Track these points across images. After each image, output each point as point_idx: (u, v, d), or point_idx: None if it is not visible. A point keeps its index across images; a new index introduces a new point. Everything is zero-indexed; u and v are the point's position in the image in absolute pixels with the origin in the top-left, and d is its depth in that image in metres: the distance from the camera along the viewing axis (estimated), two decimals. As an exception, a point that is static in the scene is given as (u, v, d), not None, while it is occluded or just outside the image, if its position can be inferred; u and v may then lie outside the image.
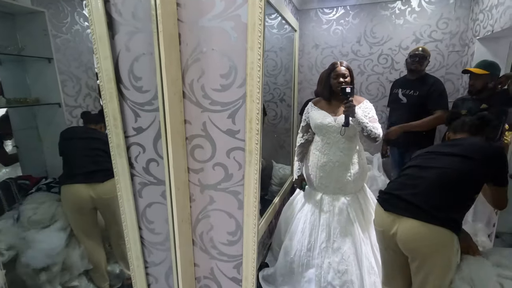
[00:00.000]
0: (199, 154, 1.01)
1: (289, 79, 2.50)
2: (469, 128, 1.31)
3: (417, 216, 1.16)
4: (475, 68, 1.81)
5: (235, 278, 1.11)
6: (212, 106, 0.96)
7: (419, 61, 2.10)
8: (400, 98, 2.21)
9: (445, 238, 1.13)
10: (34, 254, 1.46)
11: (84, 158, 1.58)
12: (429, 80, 2.13)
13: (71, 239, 1.64)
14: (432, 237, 1.14)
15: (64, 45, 1.64)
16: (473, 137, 1.29)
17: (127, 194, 1.08)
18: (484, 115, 1.32)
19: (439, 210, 1.14)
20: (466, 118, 1.33)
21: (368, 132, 1.58)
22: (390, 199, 1.28)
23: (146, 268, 1.18)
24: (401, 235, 1.20)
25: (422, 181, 1.22)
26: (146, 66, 0.96)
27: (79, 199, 1.56)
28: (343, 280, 1.61)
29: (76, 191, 1.55)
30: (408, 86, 2.19)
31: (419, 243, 1.17)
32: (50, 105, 1.63)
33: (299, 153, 1.90)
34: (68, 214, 1.61)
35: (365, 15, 2.57)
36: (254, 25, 0.83)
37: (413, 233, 1.17)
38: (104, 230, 1.72)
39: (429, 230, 1.14)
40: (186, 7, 0.90)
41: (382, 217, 1.29)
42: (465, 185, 1.17)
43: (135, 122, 1.02)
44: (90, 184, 1.55)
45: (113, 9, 0.94)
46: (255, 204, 0.97)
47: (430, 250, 1.15)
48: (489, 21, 1.99)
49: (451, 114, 1.43)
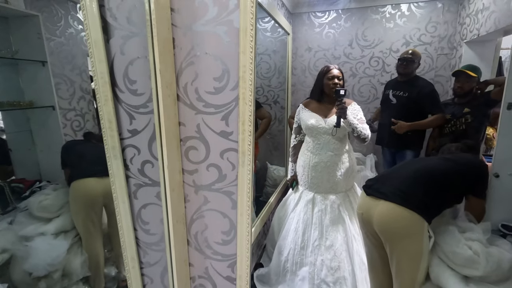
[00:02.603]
0: (193, 156, 1.03)
1: (282, 82, 2.53)
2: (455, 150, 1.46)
3: (392, 199, 1.24)
4: (469, 71, 1.87)
5: (229, 277, 1.13)
6: (206, 108, 0.98)
7: (407, 65, 2.15)
8: (390, 98, 2.27)
9: (416, 223, 1.19)
10: (36, 262, 1.45)
11: (92, 158, 1.58)
12: (418, 82, 2.18)
13: (73, 246, 1.63)
14: (403, 219, 1.20)
15: (58, 48, 1.64)
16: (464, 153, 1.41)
17: (122, 195, 1.09)
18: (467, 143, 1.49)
19: (414, 196, 1.21)
20: (452, 147, 1.48)
21: (358, 133, 1.62)
22: (373, 185, 1.36)
23: (141, 269, 1.19)
24: (377, 216, 1.27)
25: (405, 171, 1.33)
26: (140, 70, 0.98)
27: (90, 192, 1.56)
28: (336, 276, 1.64)
29: (87, 185, 1.56)
30: (398, 87, 2.24)
31: (392, 224, 1.23)
32: (44, 108, 1.63)
33: (293, 154, 1.95)
34: (77, 211, 1.60)
35: (356, 19, 2.63)
36: (246, 30, 0.86)
37: (387, 214, 1.24)
38: (106, 232, 1.72)
39: (401, 212, 1.20)
40: (180, 12, 0.92)
41: (364, 201, 1.37)
42: (444, 183, 1.24)
43: (130, 124, 1.04)
44: (101, 178, 1.55)
45: (108, 14, 0.96)
46: (248, 203, 0.99)
47: (401, 232, 1.21)
48: (475, 25, 2.05)
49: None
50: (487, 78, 2.09)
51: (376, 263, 1.42)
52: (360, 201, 1.43)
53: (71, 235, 1.63)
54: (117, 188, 1.08)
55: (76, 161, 1.61)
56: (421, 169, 1.30)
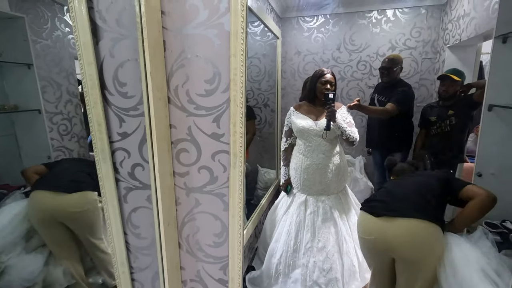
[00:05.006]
0: (185, 158, 1.03)
1: (272, 85, 2.56)
2: (408, 171, 1.53)
3: (409, 214, 1.20)
4: (454, 75, 1.93)
5: (221, 279, 1.12)
6: (197, 111, 0.98)
7: (387, 73, 2.20)
8: (375, 103, 2.33)
9: (437, 234, 1.19)
10: (11, 279, 1.37)
11: (61, 172, 1.51)
12: (399, 85, 2.21)
13: (51, 256, 1.53)
14: (428, 233, 1.18)
15: (44, 51, 1.61)
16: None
17: (112, 199, 1.07)
18: (412, 162, 1.60)
19: (426, 205, 1.22)
20: (404, 165, 1.56)
21: (346, 136, 1.65)
22: (378, 205, 1.31)
23: (131, 274, 1.17)
24: (399, 237, 1.20)
25: (403, 186, 1.33)
26: (131, 72, 0.97)
27: (41, 207, 1.45)
28: (328, 278, 1.65)
29: (39, 199, 1.45)
30: (382, 92, 2.30)
31: (418, 242, 1.19)
32: (30, 111, 1.59)
33: (284, 159, 1.96)
34: (36, 223, 1.48)
35: (344, 24, 2.69)
36: (237, 33, 0.87)
37: (408, 229, 1.19)
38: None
39: (424, 226, 1.18)
40: (170, 15, 0.92)
41: (374, 225, 1.28)
42: (437, 192, 1.27)
43: (120, 127, 1.03)
44: (56, 193, 1.45)
45: (97, 16, 0.95)
46: (240, 205, 1.00)
47: (426, 247, 1.18)
48: (457, 31, 2.13)
49: (390, 161, 1.63)
50: (470, 81, 2.16)
51: (383, 275, 1.39)
52: (367, 225, 1.31)
53: (48, 248, 1.53)
54: (107, 192, 1.07)
55: (47, 172, 1.53)
56: (418, 183, 1.30)
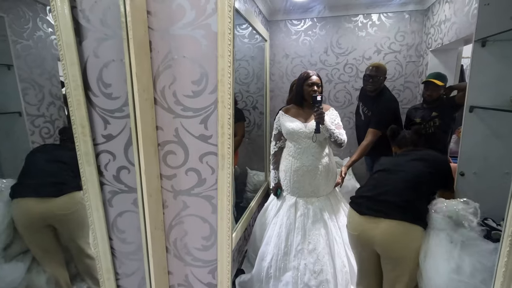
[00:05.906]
0: (172, 160, 1.01)
1: (261, 87, 2.56)
2: (411, 142, 1.52)
3: (392, 216, 1.24)
4: (437, 80, 1.98)
5: (210, 283, 1.11)
6: (184, 112, 0.97)
7: (373, 81, 2.10)
8: (360, 113, 2.28)
9: (417, 234, 1.22)
10: None
11: (40, 173, 1.45)
12: (383, 97, 2.12)
13: (34, 263, 1.48)
14: (408, 235, 1.22)
15: (25, 51, 1.56)
16: (427, 149, 1.47)
17: (96, 203, 1.04)
18: (416, 129, 1.57)
19: (411, 205, 1.24)
20: (406, 133, 1.54)
21: (335, 138, 1.67)
22: (363, 202, 1.34)
23: (117, 280, 1.14)
24: (380, 237, 1.25)
25: (390, 182, 1.34)
26: (115, 73, 0.95)
27: (28, 215, 1.40)
28: (319, 280, 1.65)
29: (25, 207, 1.41)
30: (366, 102, 2.23)
31: (398, 244, 1.23)
32: (10, 114, 1.53)
33: (274, 162, 1.95)
34: (21, 231, 1.44)
35: (331, 27, 2.73)
36: (224, 34, 0.87)
37: (391, 233, 1.23)
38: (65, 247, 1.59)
39: (404, 228, 1.22)
40: (156, 15, 0.91)
41: (358, 222, 1.33)
42: (423, 185, 1.30)
43: (105, 129, 1.00)
44: (41, 199, 1.41)
45: (81, 15, 0.93)
46: (228, 207, 0.99)
47: (407, 247, 1.23)
48: (439, 35, 2.20)
49: (392, 131, 1.60)
50: (451, 83, 2.23)
51: (369, 273, 1.42)
52: (353, 222, 1.36)
53: (30, 254, 1.47)
54: (91, 196, 1.03)
55: (23, 173, 1.45)
56: (408, 176, 1.31)
